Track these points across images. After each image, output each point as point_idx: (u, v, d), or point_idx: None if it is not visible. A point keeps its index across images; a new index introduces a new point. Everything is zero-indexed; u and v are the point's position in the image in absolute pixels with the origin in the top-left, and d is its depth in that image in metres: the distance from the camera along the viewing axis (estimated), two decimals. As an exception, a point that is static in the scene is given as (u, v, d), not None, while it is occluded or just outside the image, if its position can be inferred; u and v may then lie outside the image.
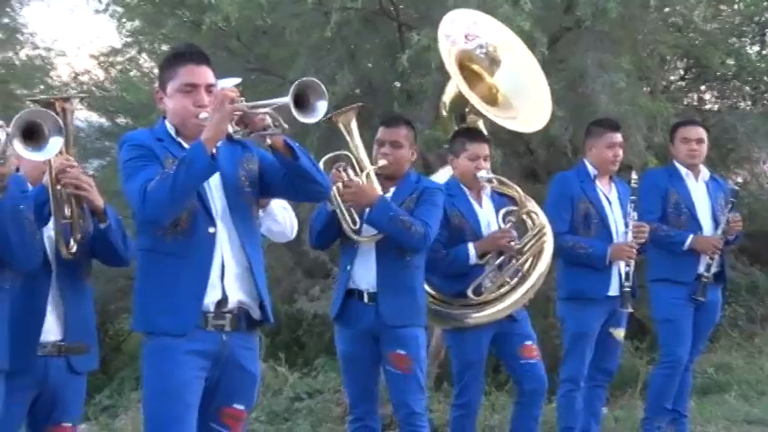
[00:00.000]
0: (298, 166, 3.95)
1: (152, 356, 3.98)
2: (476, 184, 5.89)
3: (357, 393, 5.59)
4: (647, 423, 7.02)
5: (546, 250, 5.94)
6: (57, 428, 4.39)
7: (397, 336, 5.35)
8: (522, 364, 5.92)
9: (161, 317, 3.93)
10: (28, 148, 3.48)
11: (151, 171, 3.85)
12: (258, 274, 4.10)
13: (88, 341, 4.41)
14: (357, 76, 8.73)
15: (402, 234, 5.26)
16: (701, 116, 9.61)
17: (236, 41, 9.24)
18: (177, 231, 3.92)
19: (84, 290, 4.45)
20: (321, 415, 7.40)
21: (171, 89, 4.05)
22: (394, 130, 5.57)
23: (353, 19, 8.60)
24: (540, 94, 6.51)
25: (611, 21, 8.33)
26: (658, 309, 6.98)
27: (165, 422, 3.90)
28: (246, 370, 4.08)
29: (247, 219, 4.14)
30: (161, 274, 3.97)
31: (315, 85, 3.85)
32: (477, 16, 6.60)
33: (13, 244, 3.71)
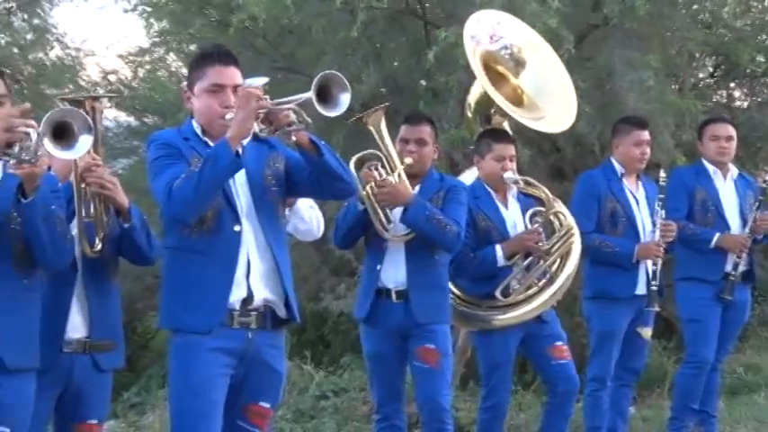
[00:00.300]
0: (323, 162, 3.98)
1: (178, 354, 4.02)
2: (502, 186, 5.89)
3: (385, 393, 5.59)
4: (673, 423, 6.98)
5: (574, 251, 5.92)
6: (82, 425, 4.39)
7: (427, 331, 5.36)
8: (554, 365, 5.91)
9: (186, 314, 3.98)
10: (58, 147, 3.48)
11: (177, 169, 3.89)
12: (285, 272, 4.12)
13: (114, 339, 4.42)
14: (383, 75, 8.76)
15: (438, 233, 5.28)
16: (731, 113, 9.51)
17: (263, 41, 9.26)
18: (203, 229, 3.96)
19: (110, 288, 4.46)
20: (347, 413, 7.40)
21: (198, 89, 4.09)
22: (418, 127, 5.57)
23: (379, 18, 8.62)
24: (565, 95, 6.50)
25: (640, 18, 8.33)
26: (684, 308, 6.95)
27: (190, 418, 3.93)
28: (272, 368, 4.11)
29: (273, 218, 4.17)
30: (187, 271, 4.01)
31: (337, 78, 3.90)
32: (501, 17, 6.60)
33: (44, 243, 3.72)
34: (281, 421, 7.08)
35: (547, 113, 6.41)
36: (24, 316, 3.78)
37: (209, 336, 3.93)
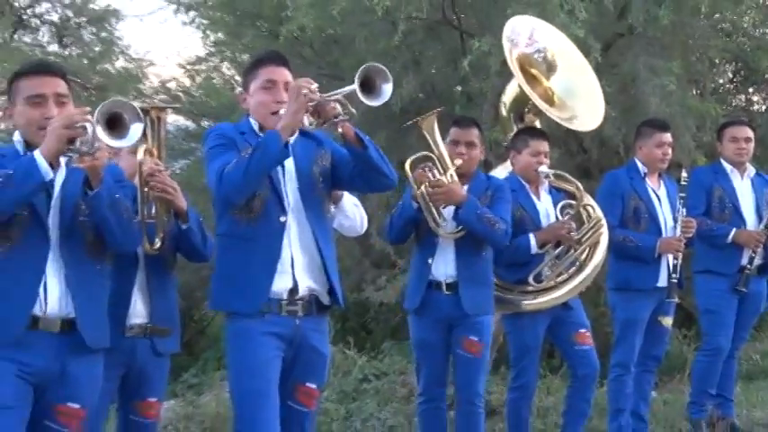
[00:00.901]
0: (367, 156, 4.05)
1: (234, 338, 4.11)
2: (535, 179, 5.91)
3: (430, 377, 5.62)
4: (692, 406, 6.98)
5: (602, 242, 5.92)
6: (143, 403, 4.49)
7: (473, 323, 5.40)
8: (577, 350, 5.93)
9: (232, 297, 4.10)
10: (112, 137, 3.53)
11: (229, 156, 4.00)
12: (330, 263, 4.21)
13: (171, 325, 4.50)
14: (421, 81, 8.79)
15: (488, 231, 5.29)
16: (749, 116, 9.43)
17: (310, 49, 9.34)
18: (250, 217, 4.06)
19: (168, 280, 4.56)
20: (387, 395, 7.44)
21: (253, 88, 4.21)
22: (468, 130, 5.60)
23: (418, 28, 8.66)
24: (593, 97, 6.50)
25: (663, 27, 8.29)
26: (702, 299, 6.94)
27: (251, 397, 4.02)
28: (318, 351, 4.20)
29: (319, 212, 4.26)
30: (234, 257, 4.12)
31: (379, 69, 3.96)
32: (535, 23, 6.62)
33: (113, 228, 3.75)
34: (326, 402, 7.13)
35: (576, 113, 6.43)
36: (97, 300, 3.85)
37: (260, 321, 4.02)
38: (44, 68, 3.87)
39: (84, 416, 3.78)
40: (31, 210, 3.64)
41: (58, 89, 3.75)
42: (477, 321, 5.42)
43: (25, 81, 3.77)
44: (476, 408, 5.52)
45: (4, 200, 3.48)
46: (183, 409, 6.92)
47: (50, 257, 3.67)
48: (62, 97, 3.75)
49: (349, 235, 5.49)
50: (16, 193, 3.49)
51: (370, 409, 7.24)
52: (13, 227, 3.61)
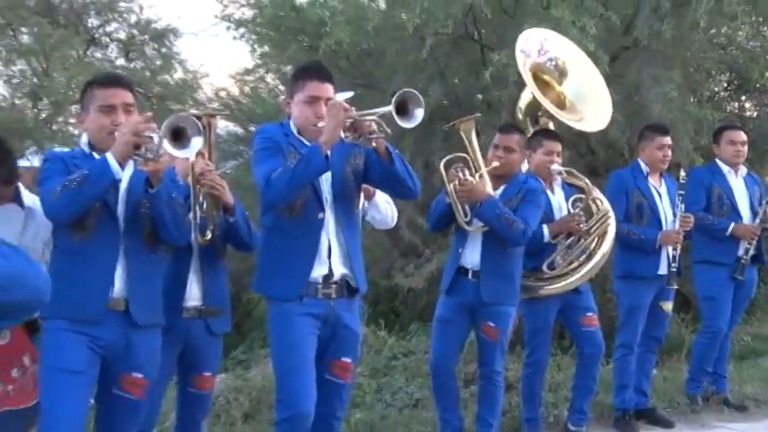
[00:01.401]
0: (393, 169, 4.10)
1: (276, 319, 4.17)
2: (548, 176, 5.89)
3: (442, 352, 5.62)
4: (690, 383, 7.01)
5: (609, 233, 5.90)
6: (199, 377, 4.52)
7: (491, 311, 5.39)
8: (584, 331, 5.95)
9: (274, 283, 4.18)
10: (176, 147, 3.62)
11: (275, 162, 4.05)
12: (355, 252, 4.27)
13: (222, 307, 4.53)
14: (445, 90, 8.78)
15: (504, 230, 5.25)
16: (742, 122, 9.39)
17: (346, 61, 9.31)
18: (293, 215, 4.13)
19: (219, 266, 4.58)
20: (414, 371, 7.44)
21: (297, 98, 4.23)
22: (508, 136, 5.58)
23: (444, 42, 8.64)
24: (601, 100, 6.47)
25: (665, 41, 8.26)
26: (701, 287, 6.93)
27: (290, 370, 4.08)
28: (350, 328, 4.26)
29: (350, 207, 4.33)
30: (277, 248, 4.18)
31: (414, 95, 3.98)
32: (547, 34, 6.60)
33: (168, 223, 3.83)
34: (359, 377, 7.14)
35: (585, 115, 6.39)
36: (150, 283, 3.90)
37: (299, 303, 4.08)
38: (115, 81, 3.95)
39: (146, 385, 3.87)
40: (103, 202, 3.73)
41: (125, 99, 3.84)
42: (495, 311, 5.41)
43: (98, 91, 3.85)
44: (495, 383, 5.54)
45: (82, 196, 3.58)
46: (233, 382, 6.97)
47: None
48: (129, 106, 3.84)
49: (381, 228, 5.52)
50: (92, 190, 3.59)
51: (398, 383, 7.25)
52: (89, 217, 3.70)
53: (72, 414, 3.63)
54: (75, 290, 3.67)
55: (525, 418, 6.00)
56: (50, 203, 3.65)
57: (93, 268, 3.72)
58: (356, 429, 5.80)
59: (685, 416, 6.78)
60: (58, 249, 3.82)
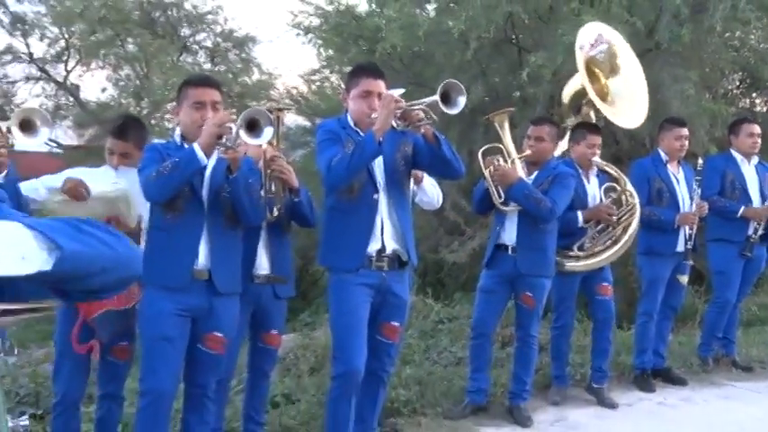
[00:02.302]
0: (440, 152, 4.03)
1: (335, 287, 4.15)
2: (588, 166, 5.78)
3: (483, 318, 5.52)
4: (702, 346, 6.90)
5: (633, 223, 5.76)
6: (268, 335, 4.53)
7: (528, 282, 5.30)
8: (598, 299, 5.86)
9: (335, 256, 4.13)
10: (250, 136, 3.62)
11: (335, 150, 4.00)
12: (406, 229, 4.19)
13: (287, 275, 4.51)
14: (487, 88, 8.69)
15: (533, 208, 5.16)
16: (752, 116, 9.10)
17: (399, 63, 9.20)
18: (351, 196, 4.08)
19: (284, 240, 4.55)
20: (457, 334, 7.41)
21: (353, 94, 4.18)
22: (539, 127, 5.45)
23: (485, 46, 8.52)
24: (640, 101, 6.25)
25: (684, 43, 8.12)
26: (714, 262, 6.78)
27: (345, 332, 4.06)
28: (399, 296, 4.20)
29: (401, 189, 4.24)
30: (338, 225, 4.14)
31: (456, 84, 3.93)
32: (605, 30, 6.37)
33: (245, 205, 3.82)
34: (409, 339, 7.15)
35: (622, 111, 6.17)
36: (230, 256, 3.91)
37: (355, 274, 4.05)
38: (205, 82, 3.98)
39: (225, 343, 3.90)
40: (191, 187, 3.75)
41: (214, 98, 3.86)
42: (533, 280, 5.33)
43: (191, 90, 3.88)
44: (530, 346, 5.47)
45: (173, 180, 3.62)
46: (300, 341, 7.01)
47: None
48: (217, 104, 3.85)
49: (428, 209, 5.44)
50: (181, 176, 3.63)
51: (443, 344, 7.22)
52: (179, 199, 3.74)
53: (168, 372, 3.74)
54: (166, 261, 3.74)
55: (554, 375, 5.93)
56: (148, 187, 3.70)
57: (180, 243, 3.76)
58: (406, 383, 5.72)
59: (697, 375, 6.65)
60: (153, 226, 3.86)
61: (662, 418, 5.65)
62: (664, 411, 5.80)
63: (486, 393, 5.54)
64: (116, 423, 4.27)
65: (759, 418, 5.56)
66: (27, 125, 3.54)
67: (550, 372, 5.99)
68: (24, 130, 3.53)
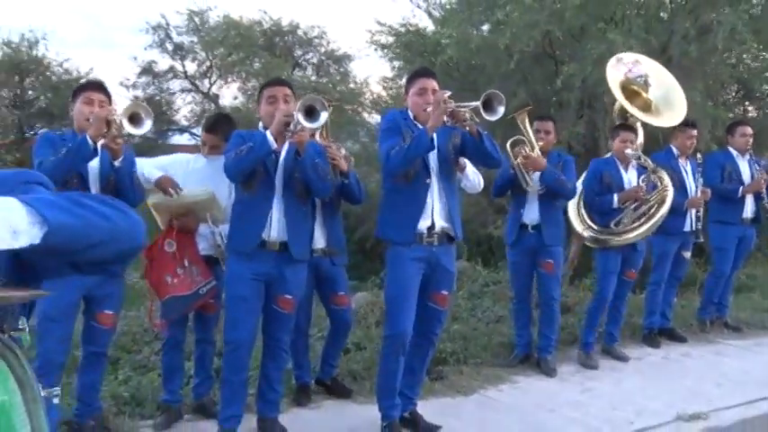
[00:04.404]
0: (482, 146, 3.50)
1: (391, 259, 3.61)
2: (624, 158, 5.13)
3: (520, 286, 5.02)
4: (701, 311, 6.23)
5: (667, 201, 5.12)
6: (336, 296, 4.15)
7: (550, 251, 4.77)
8: (623, 280, 5.18)
9: (391, 230, 3.60)
10: (308, 121, 3.23)
11: (394, 141, 3.52)
12: (454, 210, 3.66)
13: (340, 247, 4.15)
14: (528, 93, 7.97)
15: (562, 188, 4.68)
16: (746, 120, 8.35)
17: (457, 72, 8.57)
18: (407, 180, 3.55)
19: (337, 217, 4.17)
20: (499, 295, 6.85)
21: (411, 92, 3.68)
22: (545, 123, 4.90)
23: (527, 58, 7.85)
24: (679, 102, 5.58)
25: (691, 59, 7.36)
26: (714, 240, 6.08)
27: (396, 298, 3.56)
28: (447, 269, 3.65)
29: (450, 174, 3.71)
30: (394, 204, 3.61)
31: (498, 95, 3.44)
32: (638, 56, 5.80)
33: (315, 182, 3.42)
34: (459, 299, 6.67)
35: (665, 115, 5.53)
36: (302, 228, 3.52)
37: (408, 248, 3.53)
38: (278, 81, 3.65)
39: (295, 303, 3.51)
40: (265, 168, 3.37)
41: (285, 92, 3.48)
42: (552, 251, 4.80)
43: (267, 89, 3.55)
44: (552, 306, 4.90)
45: (247, 160, 3.29)
46: (370, 298, 6.61)
47: (275, 201, 3.39)
48: (288, 97, 3.46)
49: (471, 192, 4.86)
50: (254, 156, 3.28)
51: (486, 304, 6.63)
52: (254, 179, 3.38)
53: (245, 326, 3.40)
54: (243, 231, 3.41)
55: (584, 341, 5.18)
56: (227, 166, 3.37)
57: (253, 215, 3.40)
58: (453, 336, 5.25)
59: (696, 334, 6.02)
60: (236, 200, 3.51)
61: (665, 369, 5.11)
62: (667, 364, 5.26)
63: (530, 345, 5.04)
64: (211, 359, 3.96)
65: (745, 370, 5.07)
66: (134, 118, 3.21)
67: (580, 337, 5.26)
68: (132, 122, 3.20)
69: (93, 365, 3.38)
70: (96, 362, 3.39)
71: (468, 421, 3.94)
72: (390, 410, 3.61)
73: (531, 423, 3.95)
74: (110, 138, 3.18)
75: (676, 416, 4.05)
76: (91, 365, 3.38)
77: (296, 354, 4.17)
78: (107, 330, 3.39)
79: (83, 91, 3.42)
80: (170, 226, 3.69)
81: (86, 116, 3.27)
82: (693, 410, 4.09)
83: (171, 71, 21.65)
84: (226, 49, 20.56)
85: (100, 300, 3.32)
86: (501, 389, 4.52)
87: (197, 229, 3.76)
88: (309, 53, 23.47)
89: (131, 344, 5.97)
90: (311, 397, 4.16)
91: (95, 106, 3.32)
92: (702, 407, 4.18)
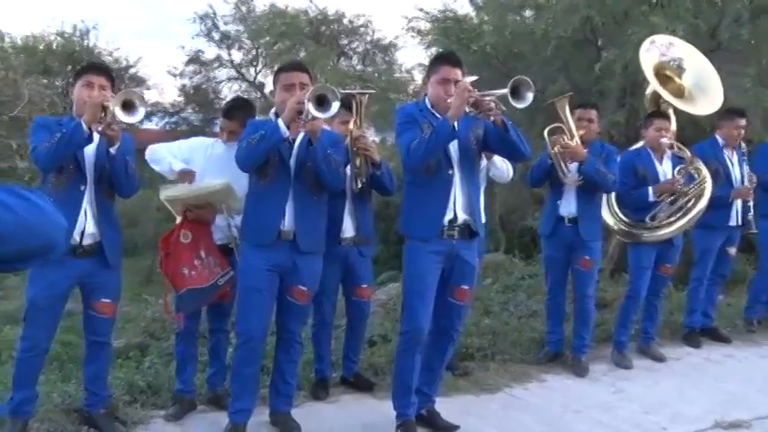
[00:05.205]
0: (507, 136, 3.29)
1: (408, 253, 3.44)
2: (659, 148, 4.83)
3: (554, 282, 4.81)
4: (747, 309, 5.87)
5: (705, 194, 4.83)
6: (358, 289, 4.04)
7: (588, 247, 4.52)
8: (658, 275, 4.93)
9: (414, 225, 3.41)
10: (319, 110, 3.06)
11: (413, 134, 3.31)
12: (476, 203, 3.46)
13: (369, 237, 4.01)
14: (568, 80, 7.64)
15: (602, 180, 4.42)
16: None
17: (496, 60, 8.26)
18: (428, 172, 3.35)
19: (367, 207, 4.01)
20: (534, 289, 6.65)
21: (432, 80, 3.45)
22: (588, 111, 4.65)
23: (566, 44, 7.53)
24: (714, 91, 5.28)
25: (743, 43, 6.98)
26: (762, 235, 5.63)
27: (414, 294, 3.39)
28: (468, 263, 3.45)
29: (473, 166, 3.49)
30: (416, 198, 3.42)
31: (525, 81, 3.18)
32: (667, 39, 5.49)
33: (324, 173, 3.27)
34: (492, 292, 6.49)
35: (699, 102, 5.24)
36: (313, 220, 3.37)
37: (427, 242, 3.35)
38: (295, 66, 3.45)
39: (309, 294, 3.42)
40: (279, 157, 3.25)
41: (302, 80, 3.30)
42: (591, 246, 4.54)
43: (283, 74, 3.37)
44: (587, 304, 4.65)
45: (258, 149, 3.16)
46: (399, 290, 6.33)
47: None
48: (304, 85, 3.28)
49: (499, 182, 4.66)
50: (266, 145, 3.16)
51: (521, 298, 6.43)
52: (270, 167, 3.26)
53: (258, 318, 3.29)
54: (256, 222, 3.29)
55: (617, 340, 4.93)
56: (239, 155, 3.25)
57: (268, 206, 3.27)
58: (482, 331, 5.05)
59: (741, 335, 5.65)
60: (249, 192, 3.37)
61: (705, 371, 4.80)
62: (707, 366, 4.94)
63: (562, 343, 4.82)
64: (225, 349, 3.89)
65: (792, 375, 4.68)
66: (128, 105, 3.05)
67: (614, 336, 4.98)
68: (125, 109, 3.04)
69: (97, 355, 3.32)
70: (99, 351, 3.32)
71: (490, 421, 3.77)
72: (405, 409, 3.46)
73: (555, 425, 3.75)
74: (105, 124, 3.05)
75: (714, 423, 3.78)
76: (94, 355, 3.32)
77: (318, 346, 4.08)
78: (106, 319, 3.30)
79: (83, 74, 3.29)
80: (185, 217, 3.61)
81: (85, 100, 3.15)
82: (734, 418, 3.80)
83: (217, 60, 21.96)
84: (272, 38, 20.71)
85: (95, 288, 3.25)
86: (527, 387, 4.33)
87: (213, 220, 3.67)
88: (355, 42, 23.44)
89: (161, 331, 5.99)
90: (329, 391, 4.05)
91: (95, 90, 3.20)
92: (744, 414, 3.87)
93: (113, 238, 3.27)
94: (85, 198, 3.18)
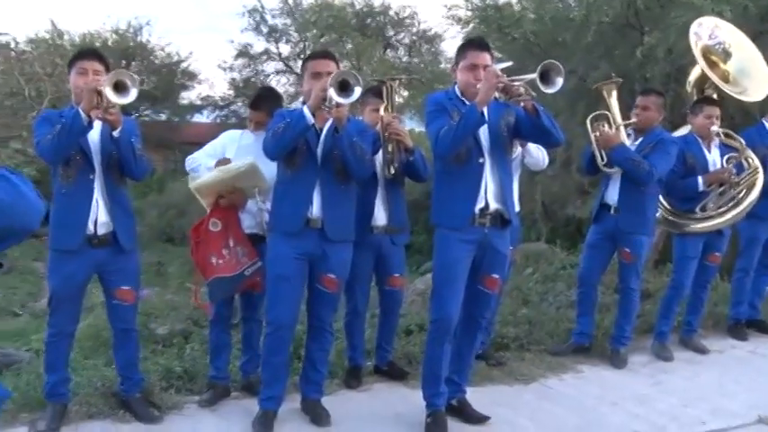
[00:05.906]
0: (539, 122, 3.19)
1: (439, 242, 3.36)
2: (708, 136, 4.64)
3: (588, 269, 4.65)
4: None
5: (757, 185, 4.63)
6: (391, 278, 3.97)
7: (628, 239, 4.38)
8: (705, 264, 4.77)
9: (444, 214, 3.33)
10: (341, 95, 2.99)
11: (442, 121, 3.23)
12: (508, 191, 3.36)
13: (402, 225, 3.93)
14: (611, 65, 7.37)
15: (633, 169, 4.25)
16: None
17: (537, 48, 8.07)
18: (459, 161, 3.26)
19: (399, 194, 3.93)
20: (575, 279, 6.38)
21: (461, 66, 3.34)
22: (645, 98, 4.47)
23: (607, 29, 7.30)
24: (761, 77, 5.06)
25: None
26: None
27: (444, 283, 3.31)
28: (499, 251, 3.37)
29: (504, 154, 3.38)
30: (447, 187, 3.34)
31: (555, 65, 3.03)
32: (717, 22, 5.28)
33: (350, 161, 3.22)
34: (532, 282, 6.36)
35: (747, 88, 5.02)
36: (341, 208, 3.32)
37: (458, 231, 3.27)
38: (323, 55, 3.38)
39: (339, 282, 3.37)
40: (307, 145, 3.21)
41: (329, 68, 3.22)
42: (631, 238, 4.39)
43: (311, 62, 3.32)
44: (630, 297, 4.53)
45: (284, 137, 3.13)
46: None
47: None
48: (331, 73, 3.18)
49: (534, 169, 4.54)
50: (291, 133, 3.12)
51: (561, 288, 6.25)
52: (296, 156, 3.22)
53: (287, 306, 3.27)
54: (285, 210, 3.26)
55: (659, 331, 4.78)
56: (266, 144, 3.24)
57: (296, 194, 3.24)
58: (519, 321, 4.98)
59: (790, 327, 5.40)
60: (277, 180, 3.35)
61: (750, 365, 4.62)
62: (752, 359, 4.76)
63: (589, 336, 4.67)
64: (257, 337, 3.85)
65: (843, 370, 4.44)
66: (120, 86, 2.93)
67: (655, 326, 4.83)
68: (117, 90, 2.93)
69: (124, 342, 3.36)
70: (126, 338, 3.35)
71: (522, 412, 3.69)
72: (435, 398, 3.40)
73: (589, 417, 3.65)
74: (103, 108, 3.00)
75: (758, 418, 3.62)
76: (122, 342, 3.36)
77: (351, 335, 4.06)
78: (129, 306, 3.31)
79: (76, 61, 3.19)
80: (217, 203, 3.63)
81: (81, 88, 3.10)
82: (780, 413, 3.63)
83: (266, 53, 22.18)
84: (318, 31, 20.79)
85: (114, 276, 3.26)
86: (563, 378, 4.23)
87: (244, 206, 3.68)
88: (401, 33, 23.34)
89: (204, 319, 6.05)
90: (362, 380, 4.03)
91: (89, 76, 3.13)
92: (790, 410, 3.70)
93: (127, 223, 3.26)
94: (96, 187, 3.16)
